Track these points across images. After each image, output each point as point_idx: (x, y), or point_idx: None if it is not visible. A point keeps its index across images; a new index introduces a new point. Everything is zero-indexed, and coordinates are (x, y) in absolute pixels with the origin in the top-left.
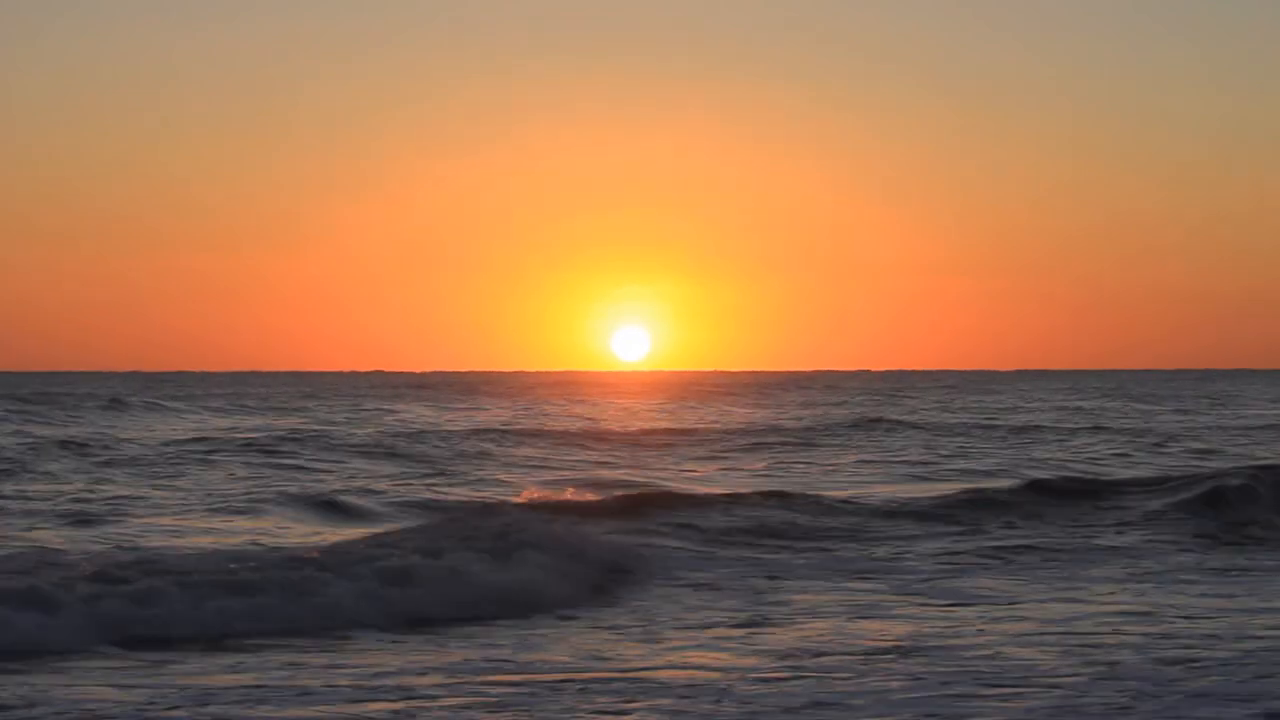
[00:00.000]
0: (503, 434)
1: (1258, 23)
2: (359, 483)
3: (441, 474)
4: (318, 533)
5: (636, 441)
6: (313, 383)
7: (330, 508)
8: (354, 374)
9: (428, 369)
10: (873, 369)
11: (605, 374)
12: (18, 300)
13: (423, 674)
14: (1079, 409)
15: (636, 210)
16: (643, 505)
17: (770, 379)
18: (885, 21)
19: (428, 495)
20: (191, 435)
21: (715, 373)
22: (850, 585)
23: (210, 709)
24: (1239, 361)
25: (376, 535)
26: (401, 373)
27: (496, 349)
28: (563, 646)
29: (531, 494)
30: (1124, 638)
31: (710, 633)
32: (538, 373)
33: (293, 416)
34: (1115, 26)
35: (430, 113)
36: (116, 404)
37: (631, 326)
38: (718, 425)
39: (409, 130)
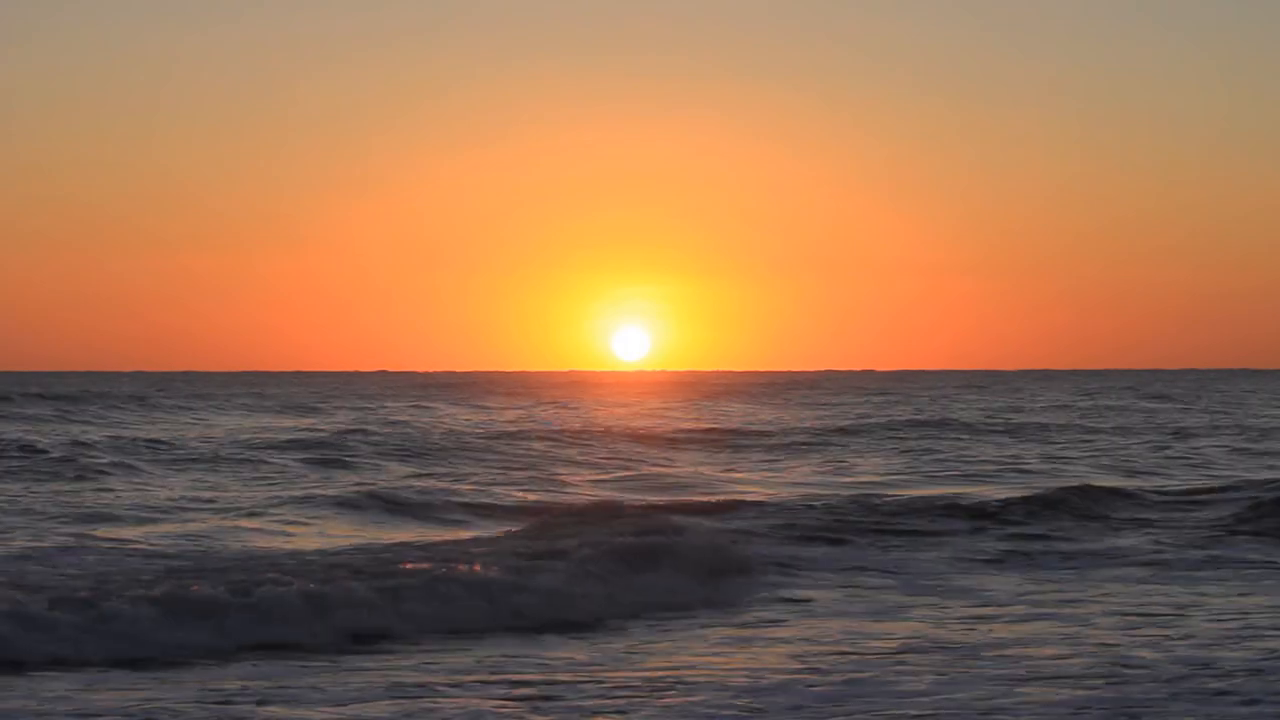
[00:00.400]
0: (540, 434)
1: (1258, 23)
2: (422, 483)
3: (501, 472)
4: (401, 533)
5: (673, 442)
6: (321, 382)
7: (403, 507)
8: (358, 374)
9: (428, 369)
10: (878, 369)
11: (606, 374)
12: (18, 300)
13: (434, 673)
14: (1108, 407)
15: (637, 210)
16: (721, 508)
17: (777, 379)
18: (887, 21)
19: (502, 495)
20: (236, 434)
21: (718, 373)
22: (870, 583)
23: (214, 708)
24: (1243, 361)
25: (462, 540)
26: (405, 373)
27: (497, 349)
28: (593, 646)
29: (608, 496)
30: (1144, 636)
31: (730, 631)
32: (542, 373)
33: (317, 416)
34: (1117, 27)
35: (430, 113)
36: (146, 403)
37: (631, 326)
38: (750, 426)
39: (409, 130)
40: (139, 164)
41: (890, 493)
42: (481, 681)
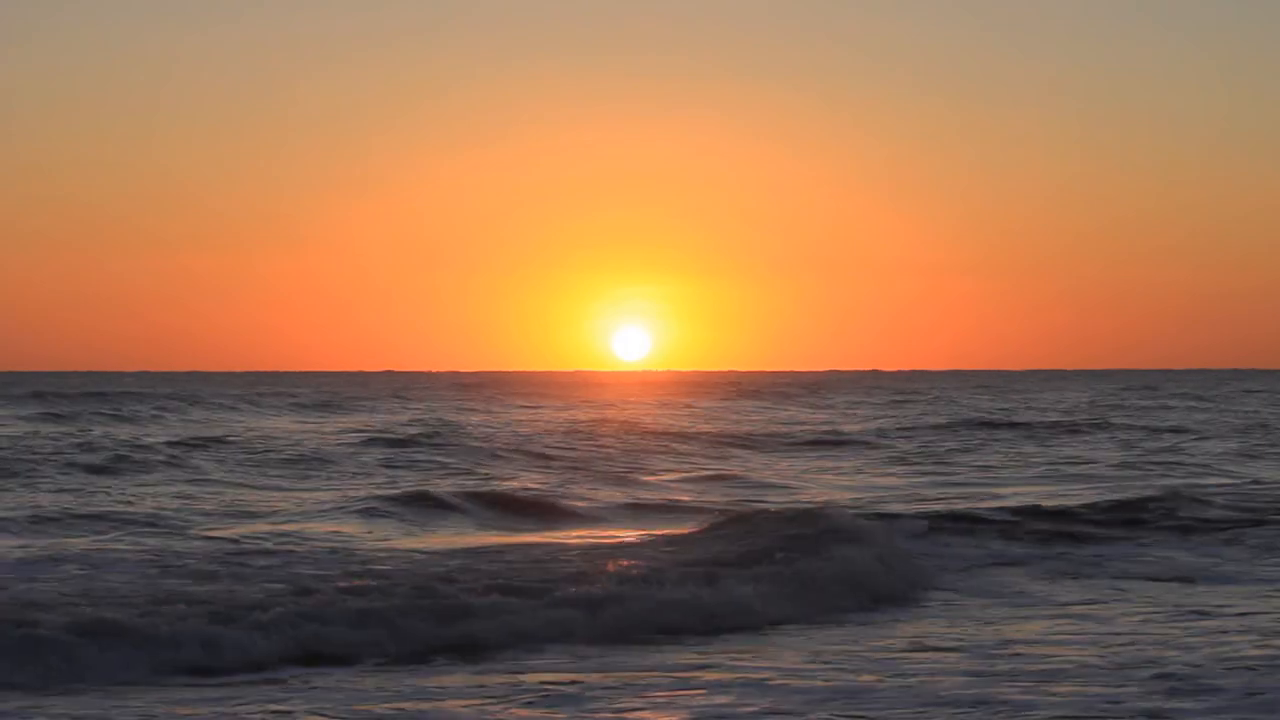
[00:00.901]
0: (587, 435)
1: (1258, 23)
2: (518, 482)
3: (602, 460)
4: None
5: (744, 443)
6: (328, 382)
7: (527, 507)
8: (363, 374)
9: (429, 369)
10: (881, 369)
11: (608, 374)
12: (18, 300)
13: (449, 674)
14: (1120, 407)
15: (637, 210)
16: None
17: (780, 379)
18: (887, 21)
19: (603, 495)
20: (301, 435)
21: (722, 373)
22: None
23: (218, 708)
24: (1243, 361)
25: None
26: (410, 373)
27: (497, 349)
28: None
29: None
30: (1169, 636)
31: (750, 631)
32: (545, 373)
33: (366, 416)
34: (1117, 27)
35: (430, 113)
36: (194, 403)
37: (632, 326)
38: (784, 427)
39: (409, 130)
40: (139, 164)
41: (923, 492)
42: (499, 683)
